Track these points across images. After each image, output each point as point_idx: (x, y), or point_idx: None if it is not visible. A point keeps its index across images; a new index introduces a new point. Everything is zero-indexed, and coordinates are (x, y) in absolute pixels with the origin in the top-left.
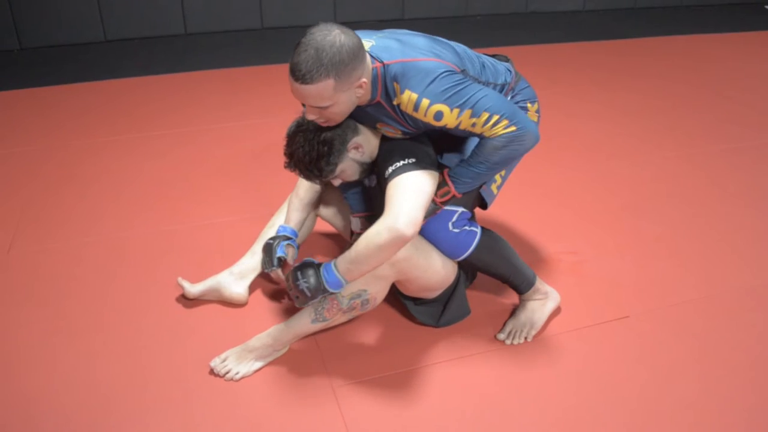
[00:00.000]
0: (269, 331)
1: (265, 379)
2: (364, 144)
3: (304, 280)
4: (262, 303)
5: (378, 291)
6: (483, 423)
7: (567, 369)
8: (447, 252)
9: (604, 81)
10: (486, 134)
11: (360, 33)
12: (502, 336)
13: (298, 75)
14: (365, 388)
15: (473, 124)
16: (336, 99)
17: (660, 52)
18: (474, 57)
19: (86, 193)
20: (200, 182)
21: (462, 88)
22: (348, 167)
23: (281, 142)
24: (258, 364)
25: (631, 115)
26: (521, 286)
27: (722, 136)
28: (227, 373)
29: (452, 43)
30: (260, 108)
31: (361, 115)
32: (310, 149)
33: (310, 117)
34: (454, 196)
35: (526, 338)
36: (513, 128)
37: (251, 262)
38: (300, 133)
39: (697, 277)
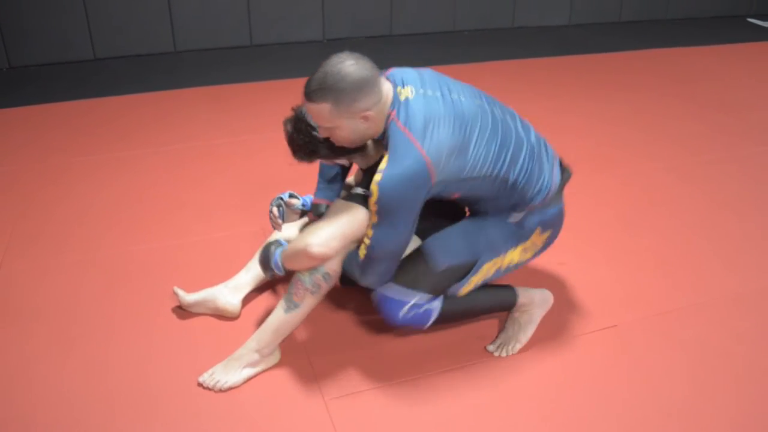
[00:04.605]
0: (252, 336)
1: (257, 392)
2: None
3: (263, 253)
4: (254, 318)
5: (333, 264)
6: None
7: (556, 378)
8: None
9: (591, 94)
10: (363, 240)
11: (413, 77)
12: (491, 347)
13: (306, 91)
14: (357, 401)
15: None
16: (337, 123)
17: (646, 64)
18: (528, 158)
19: (79, 212)
20: (191, 200)
21: (401, 208)
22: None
23: (272, 158)
24: (246, 372)
25: (619, 127)
26: (504, 310)
27: (709, 147)
28: (216, 384)
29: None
30: (250, 125)
31: None
32: None
33: (322, 134)
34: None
35: (516, 346)
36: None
37: (246, 277)
38: None
39: (684, 286)
